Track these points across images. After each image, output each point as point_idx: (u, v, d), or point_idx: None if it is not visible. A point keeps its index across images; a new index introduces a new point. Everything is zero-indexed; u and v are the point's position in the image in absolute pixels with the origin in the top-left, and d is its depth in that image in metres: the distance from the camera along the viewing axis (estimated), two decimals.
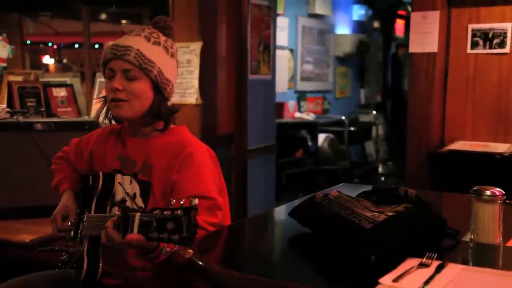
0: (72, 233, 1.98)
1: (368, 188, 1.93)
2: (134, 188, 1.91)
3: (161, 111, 1.91)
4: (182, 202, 1.43)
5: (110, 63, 1.87)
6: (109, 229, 1.59)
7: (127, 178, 1.93)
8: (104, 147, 2.03)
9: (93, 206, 1.94)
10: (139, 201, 1.88)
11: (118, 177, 1.95)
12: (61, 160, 2.19)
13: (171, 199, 1.48)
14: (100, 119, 2.00)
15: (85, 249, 1.92)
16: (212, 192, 1.82)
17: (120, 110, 1.86)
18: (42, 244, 2.29)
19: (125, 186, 1.91)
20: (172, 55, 1.94)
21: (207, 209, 1.77)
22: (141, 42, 1.87)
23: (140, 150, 1.93)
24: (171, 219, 1.41)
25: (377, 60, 9.40)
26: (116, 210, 1.90)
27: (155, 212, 1.46)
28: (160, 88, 1.88)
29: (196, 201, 1.42)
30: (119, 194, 1.92)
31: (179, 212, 1.41)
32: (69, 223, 1.98)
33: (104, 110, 1.97)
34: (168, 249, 1.43)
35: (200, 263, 1.46)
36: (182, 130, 1.99)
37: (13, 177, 2.62)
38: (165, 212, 1.43)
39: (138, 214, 1.50)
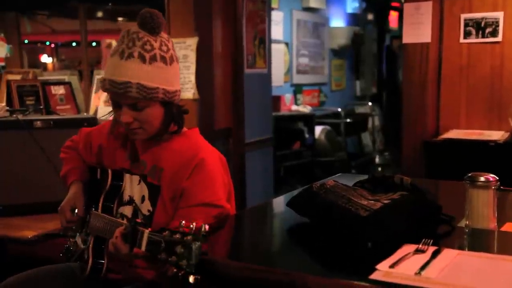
0: (79, 226, 1.99)
1: (364, 177, 1.94)
2: (142, 189, 1.88)
3: (174, 117, 1.87)
4: (192, 226, 1.40)
5: (113, 96, 1.80)
6: (117, 239, 1.61)
7: (135, 178, 1.90)
8: (113, 145, 1.99)
9: (101, 204, 1.92)
10: (147, 204, 1.86)
11: (127, 177, 1.92)
12: (70, 150, 2.16)
13: (181, 221, 1.44)
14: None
15: (91, 246, 1.92)
16: (221, 201, 1.80)
17: (137, 136, 1.84)
18: (45, 239, 2.32)
19: (134, 187, 1.90)
20: (171, 60, 1.83)
21: (215, 217, 1.77)
22: (138, 69, 1.75)
23: (150, 152, 1.89)
24: (180, 244, 1.39)
25: (372, 52, 9.38)
26: (124, 211, 1.91)
27: (164, 233, 1.44)
28: (170, 101, 1.83)
29: (207, 227, 1.40)
30: (127, 194, 1.91)
31: (189, 238, 1.38)
32: (76, 215, 1.97)
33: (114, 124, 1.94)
34: (174, 270, 1.40)
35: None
36: (193, 133, 1.95)
37: (13, 174, 2.63)
38: (175, 236, 1.41)
39: (147, 232, 1.50)
